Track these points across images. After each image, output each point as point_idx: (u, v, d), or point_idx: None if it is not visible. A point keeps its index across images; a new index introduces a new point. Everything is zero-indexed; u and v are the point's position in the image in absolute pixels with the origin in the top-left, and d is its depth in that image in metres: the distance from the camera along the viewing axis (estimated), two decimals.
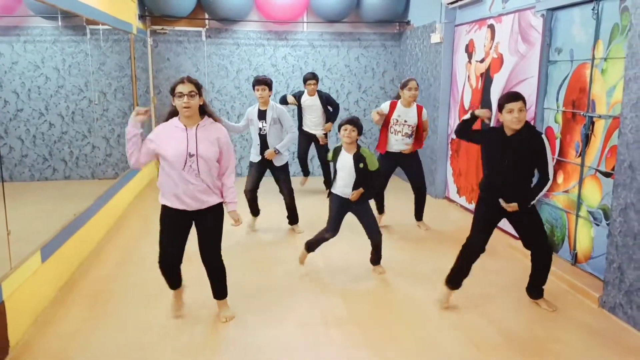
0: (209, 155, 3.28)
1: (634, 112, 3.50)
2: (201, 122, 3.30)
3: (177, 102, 3.21)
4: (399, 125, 5.42)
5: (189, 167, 3.25)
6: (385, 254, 4.96)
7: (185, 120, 3.28)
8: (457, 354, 3.25)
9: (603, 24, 4.15)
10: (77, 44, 5.73)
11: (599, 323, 3.66)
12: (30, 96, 5.66)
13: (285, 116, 5.33)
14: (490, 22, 5.86)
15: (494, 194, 3.70)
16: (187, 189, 3.28)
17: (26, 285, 3.46)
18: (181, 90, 3.18)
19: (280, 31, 8.41)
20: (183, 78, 3.24)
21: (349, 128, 4.20)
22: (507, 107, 3.51)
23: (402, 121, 5.41)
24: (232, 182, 3.47)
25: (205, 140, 3.28)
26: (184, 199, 3.30)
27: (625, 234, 3.60)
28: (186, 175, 3.26)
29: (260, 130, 5.31)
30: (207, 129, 3.31)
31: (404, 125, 5.42)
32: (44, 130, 5.79)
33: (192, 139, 3.25)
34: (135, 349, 3.28)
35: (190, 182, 3.27)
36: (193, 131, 3.26)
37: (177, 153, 3.24)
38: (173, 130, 3.28)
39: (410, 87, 5.36)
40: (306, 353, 3.25)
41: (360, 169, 4.24)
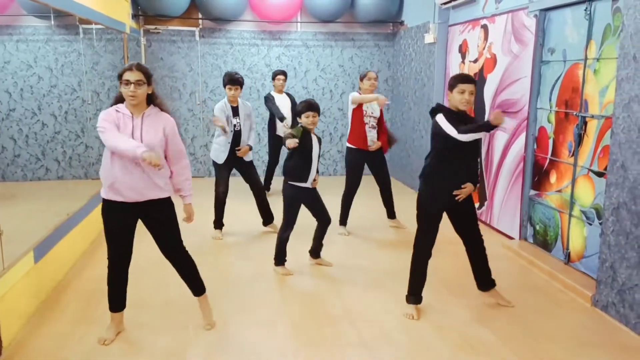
0: (154, 144, 3.12)
1: (626, 112, 3.53)
2: (146, 110, 3.18)
3: (123, 90, 3.08)
4: (367, 117, 5.40)
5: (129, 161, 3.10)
6: (378, 252, 4.98)
7: (132, 108, 3.15)
8: (451, 353, 3.26)
9: (595, 24, 4.17)
10: (70, 44, 5.71)
11: (592, 322, 3.68)
12: (23, 96, 5.64)
13: (252, 113, 5.44)
14: (484, 22, 5.88)
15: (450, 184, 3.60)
16: (126, 179, 3.12)
17: (19, 286, 3.44)
18: (128, 77, 3.06)
19: (274, 31, 8.40)
20: (132, 65, 3.10)
21: (311, 115, 4.19)
22: (459, 87, 3.48)
23: (369, 113, 5.40)
24: (187, 173, 3.35)
25: (150, 128, 3.15)
26: (121, 191, 3.14)
27: (617, 233, 3.62)
28: (128, 164, 3.11)
29: (235, 127, 5.27)
30: (152, 118, 3.18)
31: (371, 117, 5.41)
32: (37, 130, 5.77)
33: (138, 128, 3.13)
34: (128, 349, 3.27)
35: (132, 172, 3.12)
36: (139, 120, 3.15)
37: None
38: (119, 116, 3.14)
39: (369, 77, 5.35)
40: (299, 352, 3.25)
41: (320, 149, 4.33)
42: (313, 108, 4.22)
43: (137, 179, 3.14)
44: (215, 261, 4.81)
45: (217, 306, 3.86)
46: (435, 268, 4.58)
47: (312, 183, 4.32)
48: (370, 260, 4.79)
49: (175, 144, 3.27)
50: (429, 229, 3.70)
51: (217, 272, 4.51)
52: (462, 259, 4.88)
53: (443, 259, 4.81)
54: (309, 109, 4.20)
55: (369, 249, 5.11)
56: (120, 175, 3.12)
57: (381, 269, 4.61)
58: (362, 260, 4.80)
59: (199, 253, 4.97)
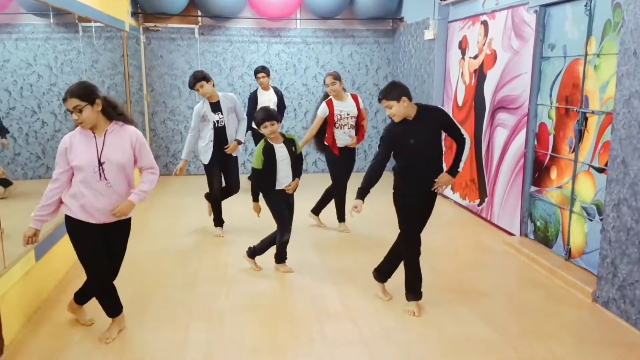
0: (121, 162, 3.09)
1: (626, 108, 3.52)
2: (109, 127, 3.10)
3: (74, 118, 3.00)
4: (343, 120, 5.33)
5: (100, 177, 3.05)
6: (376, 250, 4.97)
7: (94, 128, 3.08)
8: (451, 350, 3.26)
9: (596, 20, 4.16)
10: (69, 42, 5.70)
11: (593, 318, 3.68)
12: (23, 94, 5.63)
13: (239, 104, 5.29)
14: (484, 18, 5.87)
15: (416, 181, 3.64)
16: (97, 203, 3.08)
17: (20, 285, 3.44)
18: (67, 107, 2.98)
19: (273, 28, 8.39)
20: (66, 95, 2.98)
21: (268, 125, 4.12)
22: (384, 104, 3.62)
23: (344, 115, 5.32)
24: (147, 185, 3.24)
25: (115, 147, 3.08)
26: (92, 213, 3.10)
27: (618, 229, 3.62)
28: (95, 185, 3.06)
29: (218, 123, 5.14)
30: (115, 134, 3.10)
31: (347, 118, 5.34)
32: (37, 128, 5.75)
33: (101, 146, 3.06)
34: (129, 347, 3.28)
35: (100, 193, 3.07)
36: (102, 138, 3.07)
37: (88, 161, 3.03)
38: (83, 137, 3.07)
39: (327, 83, 5.30)
40: (299, 350, 3.26)
41: (293, 153, 4.26)
42: (270, 117, 4.12)
43: (106, 202, 3.10)
44: (214, 259, 4.81)
45: (217, 304, 3.87)
46: (434, 265, 4.59)
47: (287, 188, 4.29)
48: (369, 258, 4.78)
49: (144, 157, 3.21)
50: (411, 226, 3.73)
51: (217, 270, 4.51)
52: (461, 257, 4.89)
53: (442, 257, 4.81)
54: (264, 120, 4.11)
55: (369, 247, 5.11)
56: (92, 198, 3.07)
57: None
58: (361, 258, 4.80)
59: (198, 251, 5.00)
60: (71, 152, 3.06)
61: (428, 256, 4.84)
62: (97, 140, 3.07)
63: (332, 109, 5.31)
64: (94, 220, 3.12)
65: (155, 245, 5.17)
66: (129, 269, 4.48)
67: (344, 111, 5.32)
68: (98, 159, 3.04)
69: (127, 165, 3.14)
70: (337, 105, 5.32)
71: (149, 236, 5.43)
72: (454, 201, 6.71)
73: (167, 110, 8.38)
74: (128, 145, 3.13)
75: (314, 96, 8.42)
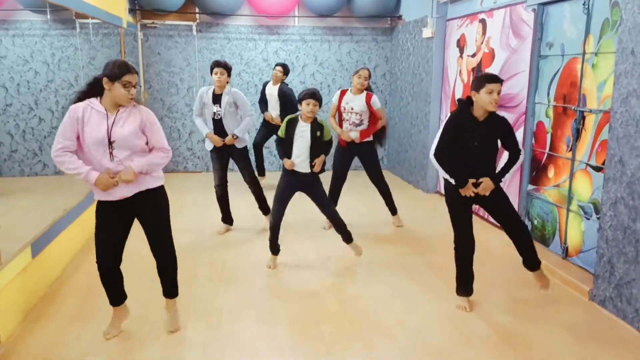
0: (132, 140, 3.04)
1: (624, 107, 3.53)
2: (126, 108, 3.07)
3: (122, 91, 2.96)
4: (346, 113, 5.33)
5: (110, 154, 3.02)
6: (375, 248, 4.98)
7: (109, 105, 3.04)
8: (448, 348, 3.27)
9: (594, 18, 4.16)
10: (66, 38, 5.69)
11: (590, 316, 3.69)
12: (20, 91, 5.61)
13: (243, 100, 5.19)
14: (482, 16, 5.87)
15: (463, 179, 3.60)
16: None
17: (16, 281, 3.44)
18: (130, 79, 2.97)
19: (271, 26, 8.38)
20: (132, 67, 3.01)
21: (311, 103, 4.18)
22: (487, 87, 3.43)
23: (349, 109, 5.31)
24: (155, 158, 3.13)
25: (127, 124, 3.04)
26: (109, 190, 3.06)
27: (615, 227, 3.62)
28: (106, 164, 3.02)
29: (215, 115, 5.12)
30: (128, 113, 3.07)
31: (351, 113, 5.31)
32: (34, 125, 5.74)
33: (112, 124, 3.01)
34: (126, 344, 3.27)
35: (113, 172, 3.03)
36: (113, 116, 3.02)
37: (99, 138, 2.99)
38: (94, 113, 3.01)
39: (360, 74, 5.28)
40: (297, 349, 3.26)
41: (317, 137, 4.25)
42: (314, 97, 4.21)
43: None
44: (212, 257, 4.81)
45: (215, 302, 3.87)
46: (432, 263, 4.60)
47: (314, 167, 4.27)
48: (368, 255, 4.79)
49: (154, 137, 3.14)
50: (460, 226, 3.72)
51: (215, 268, 4.51)
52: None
53: (441, 254, 4.82)
54: (310, 97, 4.19)
55: (367, 244, 5.11)
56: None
57: (380, 264, 4.62)
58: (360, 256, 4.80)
59: (196, 249, 4.99)
60: (83, 125, 3.00)
61: (426, 254, 4.86)
62: (109, 117, 3.02)
63: (340, 99, 5.36)
64: (112, 197, 3.09)
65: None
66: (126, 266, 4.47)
67: (349, 104, 5.32)
68: (108, 138, 3.00)
69: (139, 144, 3.08)
70: (346, 98, 5.35)
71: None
72: None
73: (165, 107, 8.36)
74: (138, 122, 3.08)
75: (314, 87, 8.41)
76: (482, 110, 3.52)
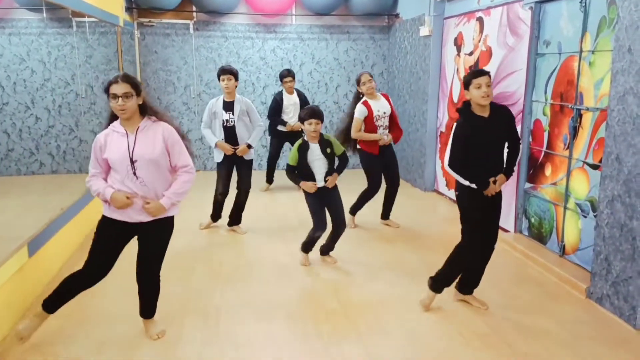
0: (153, 158, 3.01)
1: (621, 105, 3.53)
2: (141, 123, 3.04)
3: (112, 104, 2.94)
4: (381, 120, 5.30)
5: (132, 175, 3.00)
6: (372, 246, 4.98)
7: (125, 123, 3.02)
8: (445, 345, 3.27)
9: (591, 16, 4.17)
10: (63, 37, 5.67)
11: (586, 314, 3.69)
12: (16, 89, 5.60)
13: (253, 110, 5.20)
14: (479, 14, 5.87)
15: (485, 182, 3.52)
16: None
17: (13, 280, 3.43)
18: (115, 91, 2.91)
19: (268, 24, 8.37)
20: (117, 77, 2.93)
21: (313, 122, 4.17)
22: (474, 82, 3.39)
23: (381, 114, 5.29)
24: (182, 185, 3.13)
25: (147, 142, 3.01)
26: (127, 212, 3.05)
27: (612, 225, 3.63)
28: (130, 184, 3.01)
29: (227, 122, 5.09)
30: (148, 130, 3.04)
31: (383, 117, 5.30)
32: (30, 124, 5.73)
33: (132, 144, 3.00)
34: (122, 342, 3.27)
35: (135, 191, 3.02)
36: (133, 136, 3.01)
37: (119, 159, 2.99)
38: (114, 135, 3.03)
39: (364, 82, 5.25)
40: (295, 346, 3.26)
41: (328, 154, 4.24)
42: (316, 115, 4.19)
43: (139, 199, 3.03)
44: (211, 256, 4.80)
45: (213, 300, 3.86)
46: (429, 261, 4.60)
47: (327, 182, 4.27)
48: (367, 254, 4.79)
49: (176, 154, 3.10)
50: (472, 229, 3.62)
51: (212, 267, 4.51)
52: None
53: (439, 253, 4.82)
54: (311, 117, 4.18)
55: (365, 243, 5.11)
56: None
57: (377, 262, 4.62)
58: (358, 254, 4.80)
59: (193, 247, 4.99)
60: (105, 150, 3.02)
61: (423, 252, 4.86)
62: (129, 138, 3.00)
63: (370, 109, 5.24)
64: (129, 219, 3.07)
65: None
66: (124, 265, 4.47)
67: (381, 110, 5.27)
68: (130, 157, 2.98)
69: (162, 162, 3.05)
70: (374, 105, 5.27)
71: None
72: (449, 197, 6.71)
73: (162, 106, 8.34)
74: (160, 140, 3.03)
75: (309, 92, 8.39)
76: (480, 107, 3.50)
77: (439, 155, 7.01)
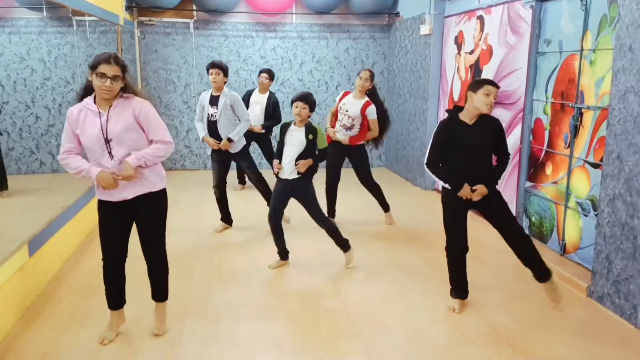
0: (127, 135, 2.93)
1: (622, 104, 3.52)
2: (114, 101, 2.93)
3: (97, 83, 2.83)
4: (341, 114, 5.29)
5: (109, 154, 2.93)
6: (373, 246, 4.98)
7: (101, 102, 2.92)
8: (446, 344, 3.27)
9: (592, 15, 4.16)
10: (63, 36, 5.66)
11: (587, 313, 3.69)
12: (16, 88, 5.59)
13: (240, 104, 5.15)
14: (480, 13, 5.86)
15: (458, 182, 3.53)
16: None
17: (13, 280, 3.42)
18: (104, 71, 2.81)
19: (269, 23, 8.36)
20: (109, 56, 2.83)
21: (299, 105, 4.12)
22: (486, 87, 3.37)
23: (344, 110, 5.27)
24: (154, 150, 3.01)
25: (120, 120, 2.92)
26: (109, 191, 3.00)
27: (613, 224, 3.62)
28: (107, 164, 2.95)
29: (210, 116, 5.09)
30: (121, 107, 2.94)
31: (345, 115, 5.26)
32: (31, 123, 5.72)
33: (105, 123, 2.91)
34: (123, 342, 3.26)
35: (113, 172, 2.94)
36: (105, 114, 2.91)
37: (94, 138, 2.91)
38: (87, 114, 2.92)
39: (361, 75, 5.26)
40: (295, 344, 3.25)
41: (309, 140, 4.17)
42: (302, 99, 4.13)
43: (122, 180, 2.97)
44: (211, 254, 4.80)
45: (213, 299, 3.86)
46: (431, 260, 4.60)
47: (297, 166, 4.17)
48: (366, 253, 4.79)
49: (152, 129, 3.01)
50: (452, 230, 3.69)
51: (213, 266, 4.50)
52: None
53: (439, 252, 4.81)
54: (298, 99, 4.14)
55: (365, 241, 5.11)
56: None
57: (377, 261, 4.62)
58: (358, 253, 4.80)
59: (194, 246, 4.98)
60: (78, 127, 2.94)
61: (424, 251, 4.85)
62: (102, 117, 2.91)
63: (341, 98, 5.35)
64: (113, 198, 3.04)
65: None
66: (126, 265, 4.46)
67: (344, 106, 5.27)
68: (104, 137, 2.91)
69: (137, 139, 2.97)
70: (346, 99, 5.31)
71: None
72: None
73: (162, 105, 8.34)
74: (131, 116, 2.94)
75: (309, 91, 8.37)
76: (472, 114, 3.46)
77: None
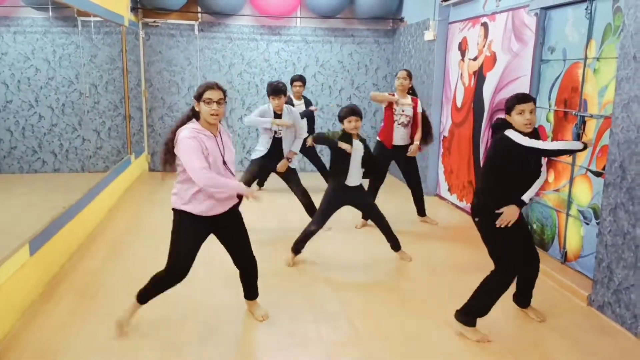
0: (234, 159, 3.30)
1: (625, 112, 3.52)
2: (220, 127, 3.24)
3: (205, 109, 3.05)
4: (397, 115, 5.49)
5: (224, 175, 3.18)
6: (373, 250, 4.97)
7: (209, 127, 3.14)
8: (447, 351, 3.26)
9: (596, 23, 4.16)
10: (68, 36, 5.69)
11: (588, 322, 3.68)
12: (20, 87, 5.62)
13: (300, 120, 5.26)
14: (484, 20, 5.87)
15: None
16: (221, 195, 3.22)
17: (14, 279, 3.43)
18: (210, 96, 3.04)
19: (273, 26, 8.38)
20: (213, 84, 3.09)
21: (353, 120, 4.32)
22: (517, 108, 3.24)
23: (399, 111, 5.48)
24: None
25: (228, 145, 3.27)
26: (217, 206, 3.23)
27: (614, 233, 3.62)
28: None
29: (276, 133, 5.16)
30: (225, 134, 3.29)
31: (401, 115, 5.49)
32: (34, 122, 5.75)
33: (221, 146, 3.18)
34: (123, 342, 3.26)
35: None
36: (219, 138, 3.19)
37: (214, 161, 3.12)
38: (203, 138, 3.11)
39: (399, 76, 5.49)
40: (295, 348, 3.25)
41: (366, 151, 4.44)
42: (355, 113, 4.33)
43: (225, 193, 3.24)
44: (210, 256, 4.79)
45: (212, 301, 3.86)
46: (431, 267, 4.59)
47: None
48: (368, 258, 4.78)
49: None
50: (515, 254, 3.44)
51: (214, 267, 4.50)
52: (458, 259, 4.89)
53: (438, 258, 4.81)
54: (351, 114, 4.32)
55: (367, 245, 5.10)
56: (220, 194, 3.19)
57: (380, 267, 4.61)
58: (359, 257, 4.80)
59: None
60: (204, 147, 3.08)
61: (423, 256, 4.85)
62: (217, 140, 3.17)
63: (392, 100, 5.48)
64: (215, 212, 3.23)
65: (151, 240, 5.15)
66: (125, 265, 4.47)
67: (399, 107, 5.46)
68: (222, 159, 3.17)
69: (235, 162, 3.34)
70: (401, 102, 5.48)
71: (146, 231, 5.41)
72: (451, 203, 6.71)
73: (165, 107, 8.36)
74: (231, 142, 3.30)
75: (312, 95, 8.40)
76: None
77: (441, 160, 7.01)
